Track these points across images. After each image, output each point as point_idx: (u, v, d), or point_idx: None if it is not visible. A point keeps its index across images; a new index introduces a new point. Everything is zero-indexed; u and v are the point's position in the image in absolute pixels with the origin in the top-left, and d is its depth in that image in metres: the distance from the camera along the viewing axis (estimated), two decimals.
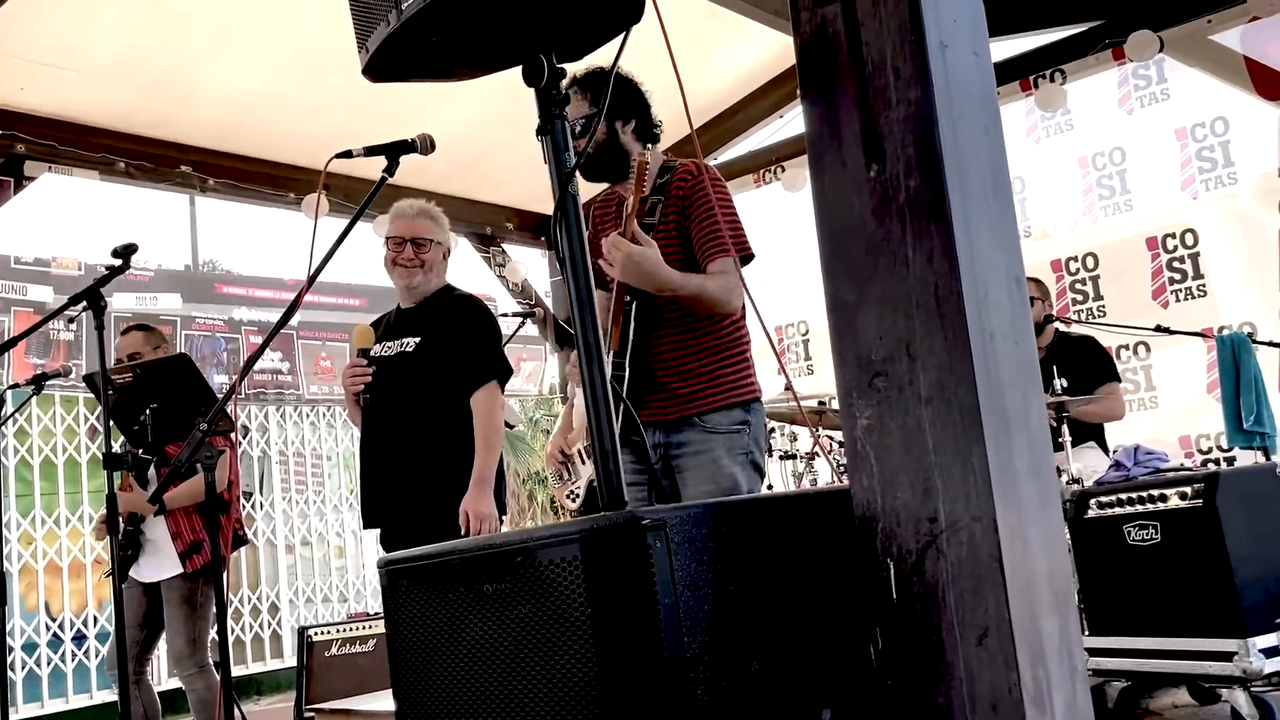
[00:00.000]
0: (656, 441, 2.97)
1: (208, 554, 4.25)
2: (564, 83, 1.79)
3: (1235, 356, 4.83)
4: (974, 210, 1.53)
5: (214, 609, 4.23)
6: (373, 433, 3.58)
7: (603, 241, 2.82)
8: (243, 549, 8.82)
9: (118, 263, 3.29)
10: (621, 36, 1.83)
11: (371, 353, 3.57)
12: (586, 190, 2.67)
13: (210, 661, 4.32)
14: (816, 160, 1.65)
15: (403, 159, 2.68)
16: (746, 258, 2.94)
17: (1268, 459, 4.63)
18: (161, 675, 7.50)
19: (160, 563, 4.25)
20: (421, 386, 3.49)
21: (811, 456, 6.02)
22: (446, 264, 3.74)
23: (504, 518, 3.61)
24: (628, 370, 2.89)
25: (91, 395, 6.79)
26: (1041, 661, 1.45)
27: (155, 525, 4.25)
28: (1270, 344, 5.07)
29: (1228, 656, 2.91)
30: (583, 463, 5.13)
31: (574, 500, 5.15)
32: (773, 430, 6.18)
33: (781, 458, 6.20)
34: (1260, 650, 2.86)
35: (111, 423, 3.55)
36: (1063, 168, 6.76)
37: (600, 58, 1.91)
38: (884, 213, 1.56)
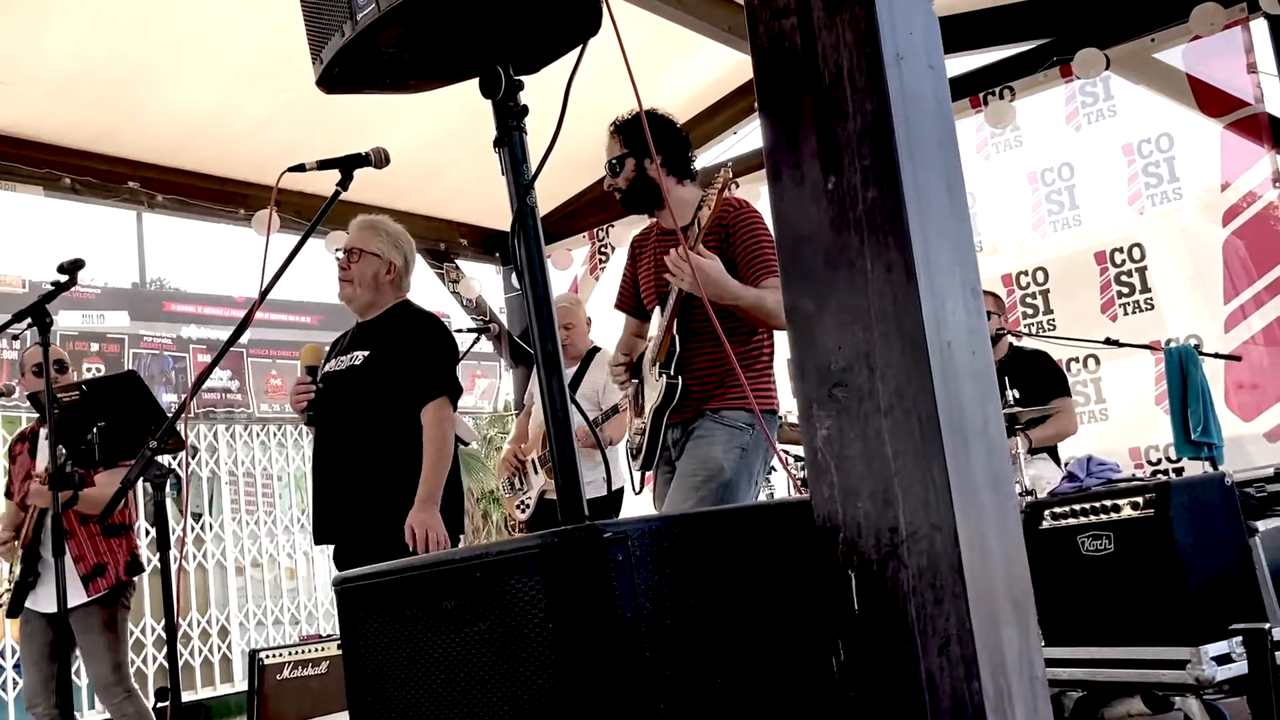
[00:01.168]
0: (677, 437, 3.27)
1: (112, 577, 4.17)
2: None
3: (1183, 368, 4.90)
4: (930, 221, 1.53)
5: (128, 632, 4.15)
6: (323, 448, 3.53)
7: (667, 258, 3.11)
8: (192, 571, 8.72)
9: (64, 278, 3.23)
10: (578, 50, 1.83)
11: (323, 369, 3.53)
12: (546, 200, 2.67)
13: (135, 685, 4.24)
14: (774, 172, 1.65)
15: (356, 174, 2.66)
16: None
17: (1215, 469, 4.70)
18: (83, 705, 7.31)
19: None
20: (368, 400, 3.44)
21: (769, 471, 6.03)
22: (393, 279, 3.63)
23: (461, 536, 3.58)
24: (680, 380, 3.20)
25: (35, 414, 6.62)
26: (1002, 670, 1.45)
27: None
28: (1216, 355, 5.16)
29: (1180, 664, 2.93)
30: (535, 472, 5.09)
31: (523, 511, 5.11)
32: None
33: None
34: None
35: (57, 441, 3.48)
36: (1012, 183, 6.85)
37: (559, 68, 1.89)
38: (841, 224, 1.56)
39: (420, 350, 3.48)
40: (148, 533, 8.84)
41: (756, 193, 6.70)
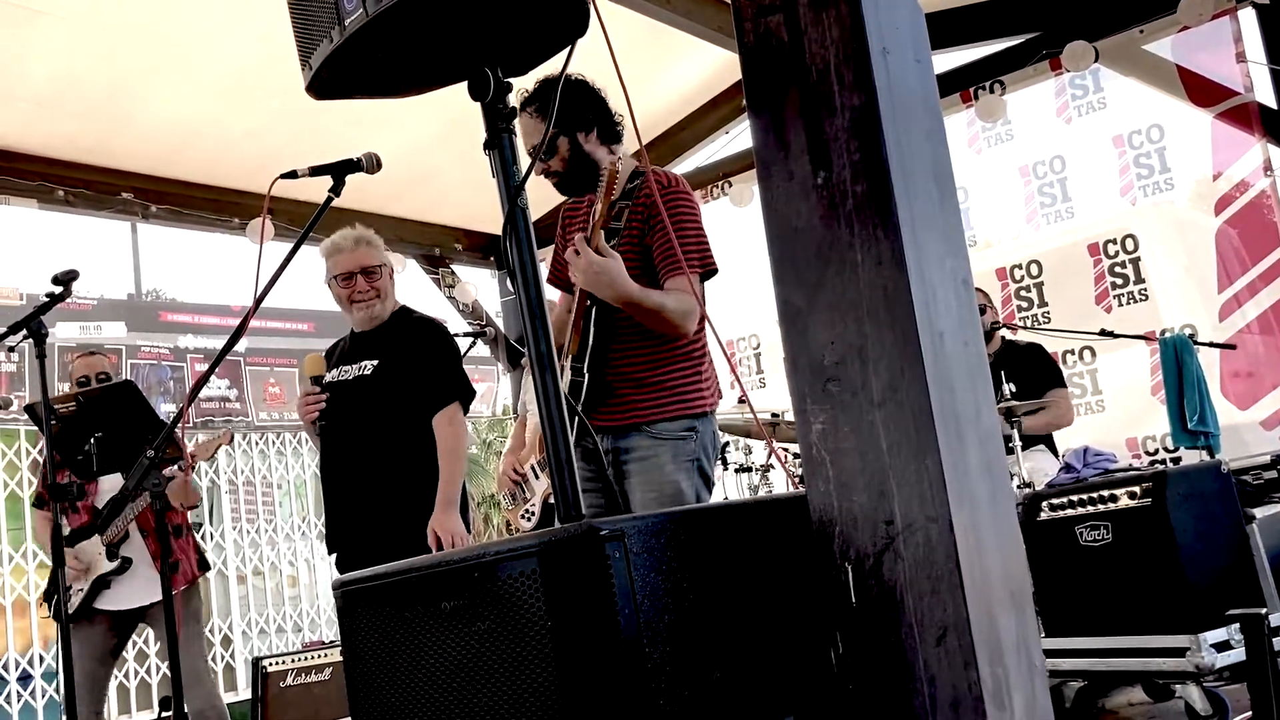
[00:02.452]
0: (607, 447, 2.95)
1: (189, 572, 4.21)
2: (517, 107, 1.78)
3: (1178, 358, 4.91)
4: (920, 213, 1.54)
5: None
6: (333, 458, 3.54)
7: (567, 253, 2.79)
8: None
9: (58, 290, 3.24)
10: (566, 50, 1.83)
11: (325, 379, 3.53)
12: (538, 205, 2.66)
13: None
14: (764, 168, 1.65)
15: (348, 180, 2.66)
16: (710, 272, 2.93)
17: (1212, 457, 4.70)
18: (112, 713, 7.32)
19: (140, 587, 4.10)
20: (381, 410, 3.46)
21: (766, 469, 6.04)
22: (394, 282, 3.70)
23: (470, 536, 3.59)
24: (586, 376, 2.87)
25: (34, 428, 6.61)
26: (1000, 659, 1.46)
27: (132, 548, 4.12)
28: (1210, 344, 5.17)
29: (1180, 652, 2.94)
30: (536, 478, 5.08)
31: (529, 519, 5.08)
32: (727, 444, 6.19)
33: (737, 470, 6.22)
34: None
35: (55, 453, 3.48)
36: (1004, 177, 6.86)
37: (545, 71, 1.90)
38: (832, 219, 1.57)
39: (429, 358, 3.51)
40: (210, 535, 8.88)
41: (749, 193, 6.73)
